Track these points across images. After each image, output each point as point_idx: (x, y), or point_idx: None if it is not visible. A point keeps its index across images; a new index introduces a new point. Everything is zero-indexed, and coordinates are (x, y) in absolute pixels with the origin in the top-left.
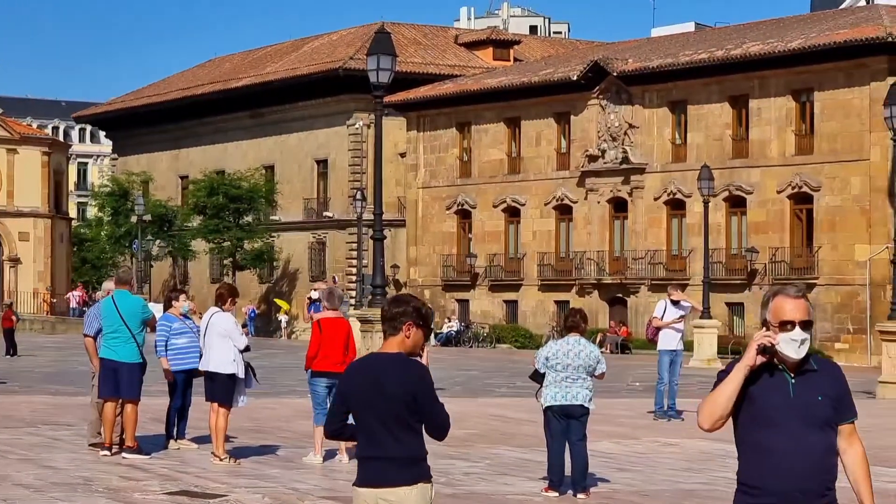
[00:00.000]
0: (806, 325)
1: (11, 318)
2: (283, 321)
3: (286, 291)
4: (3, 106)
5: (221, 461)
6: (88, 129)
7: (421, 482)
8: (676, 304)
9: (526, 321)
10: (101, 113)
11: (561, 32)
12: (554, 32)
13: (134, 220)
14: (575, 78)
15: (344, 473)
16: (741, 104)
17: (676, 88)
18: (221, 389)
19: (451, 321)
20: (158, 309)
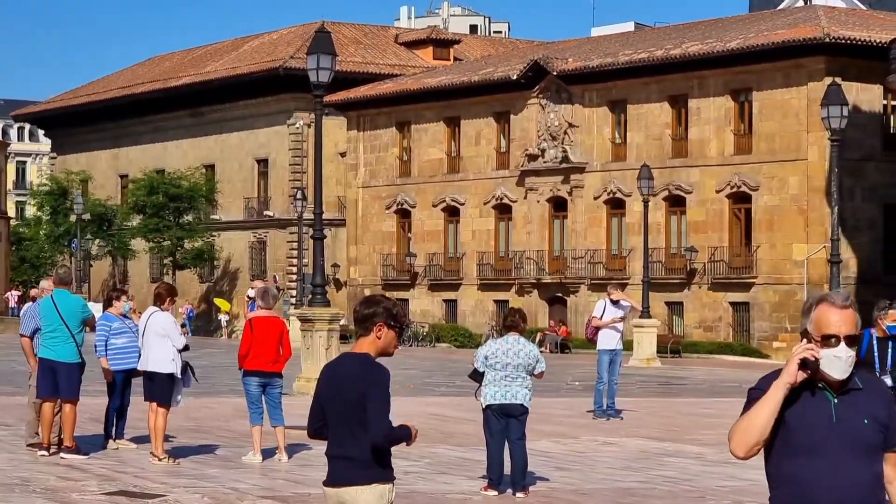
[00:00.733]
0: (852, 340)
1: None
2: (223, 320)
3: (227, 291)
4: None
5: (160, 461)
6: (27, 127)
7: (377, 483)
8: (616, 303)
9: (465, 320)
10: (40, 111)
11: (501, 32)
12: (494, 32)
13: (73, 219)
14: (515, 77)
15: (283, 473)
16: (680, 104)
17: (616, 88)
18: (160, 389)
19: None
20: (97, 308)
